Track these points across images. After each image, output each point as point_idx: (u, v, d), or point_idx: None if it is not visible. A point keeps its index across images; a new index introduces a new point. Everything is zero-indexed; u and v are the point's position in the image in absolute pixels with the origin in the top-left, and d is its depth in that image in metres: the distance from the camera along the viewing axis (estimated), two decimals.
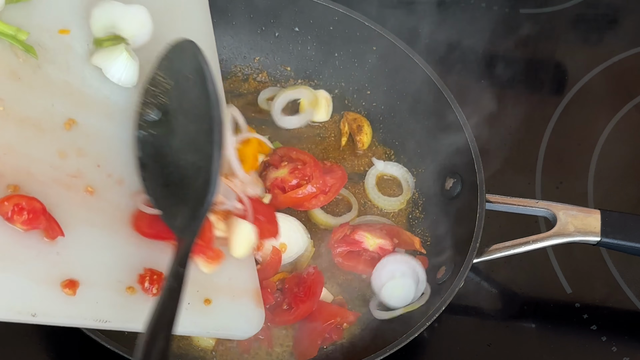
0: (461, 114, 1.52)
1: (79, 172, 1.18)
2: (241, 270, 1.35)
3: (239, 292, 1.32)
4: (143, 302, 1.16)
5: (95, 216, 1.17)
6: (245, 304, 1.32)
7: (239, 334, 1.31)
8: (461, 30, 1.95)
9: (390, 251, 1.48)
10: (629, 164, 1.78)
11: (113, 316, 1.12)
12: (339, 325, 1.43)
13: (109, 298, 1.13)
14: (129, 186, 1.24)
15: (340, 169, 1.57)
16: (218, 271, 1.29)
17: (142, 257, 1.20)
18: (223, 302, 1.28)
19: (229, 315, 1.28)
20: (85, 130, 1.22)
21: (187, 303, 1.22)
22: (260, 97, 1.71)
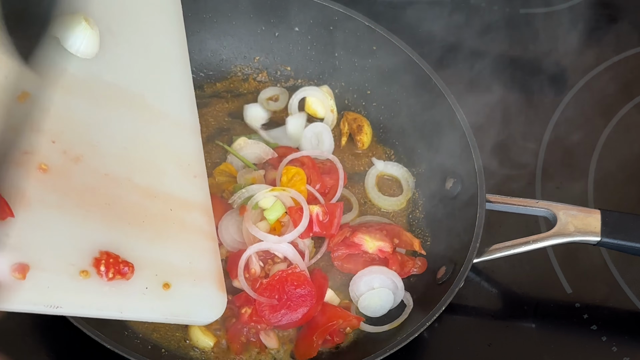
0: (461, 114, 1.52)
1: (32, 148, 1.13)
2: (203, 253, 1.31)
3: (200, 275, 1.28)
4: (97, 287, 1.13)
5: (48, 195, 1.12)
6: (206, 288, 1.29)
7: (200, 319, 1.28)
8: (461, 30, 1.95)
9: (390, 253, 1.48)
10: (629, 164, 1.78)
11: (65, 301, 1.09)
12: (342, 329, 1.43)
13: (60, 282, 1.09)
14: (86, 163, 1.20)
15: (340, 169, 1.57)
16: (179, 254, 1.26)
17: (98, 239, 1.16)
18: (183, 287, 1.25)
19: (189, 300, 1.25)
20: (39, 104, 1.16)
21: (145, 287, 1.19)
22: (260, 97, 1.71)
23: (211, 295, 1.29)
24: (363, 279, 1.46)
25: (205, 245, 1.33)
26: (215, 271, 1.32)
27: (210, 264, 1.32)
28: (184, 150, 1.39)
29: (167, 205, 1.30)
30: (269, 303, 1.39)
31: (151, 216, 1.26)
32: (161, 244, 1.26)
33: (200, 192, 1.38)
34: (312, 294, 1.40)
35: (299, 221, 1.44)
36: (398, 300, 1.46)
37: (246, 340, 1.39)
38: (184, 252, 1.28)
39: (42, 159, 1.14)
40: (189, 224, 1.32)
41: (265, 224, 1.46)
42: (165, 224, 1.28)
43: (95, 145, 1.23)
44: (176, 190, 1.33)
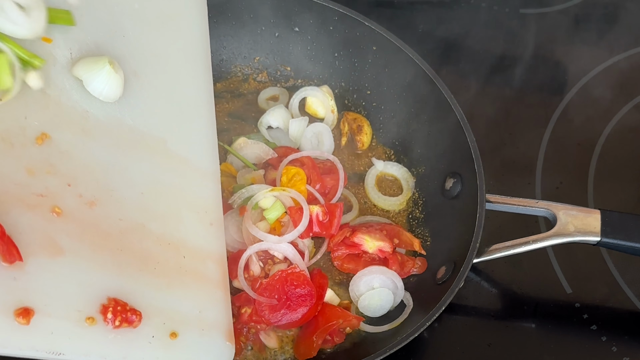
0: (461, 114, 1.52)
1: (47, 191, 1.11)
2: (213, 302, 1.28)
3: (208, 325, 1.25)
4: (103, 334, 1.10)
5: (59, 240, 1.09)
6: (214, 338, 1.25)
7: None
8: (461, 30, 1.96)
9: (390, 253, 1.48)
10: (629, 164, 1.78)
11: (68, 348, 1.05)
12: (342, 329, 1.43)
13: (65, 328, 1.06)
14: (101, 208, 1.17)
15: (340, 170, 1.57)
16: (189, 303, 1.23)
17: (107, 285, 1.13)
18: (190, 336, 1.21)
19: (195, 350, 1.21)
20: (58, 146, 1.14)
21: (152, 336, 1.16)
22: (260, 97, 1.71)
23: (219, 345, 1.26)
24: (363, 279, 1.46)
25: (217, 295, 1.30)
26: (224, 321, 1.29)
27: (220, 314, 1.28)
28: (202, 197, 1.35)
29: (181, 253, 1.26)
30: (268, 303, 1.39)
31: (163, 263, 1.23)
32: (171, 292, 1.22)
33: (216, 240, 1.34)
34: (312, 294, 1.40)
35: (299, 221, 1.45)
36: (398, 300, 1.46)
37: (246, 341, 1.39)
38: (194, 301, 1.24)
39: (57, 202, 1.11)
40: (202, 273, 1.29)
41: (265, 224, 1.46)
42: (178, 272, 1.25)
43: (111, 190, 1.20)
44: (191, 237, 1.30)
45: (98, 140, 1.20)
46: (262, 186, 1.49)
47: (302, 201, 1.46)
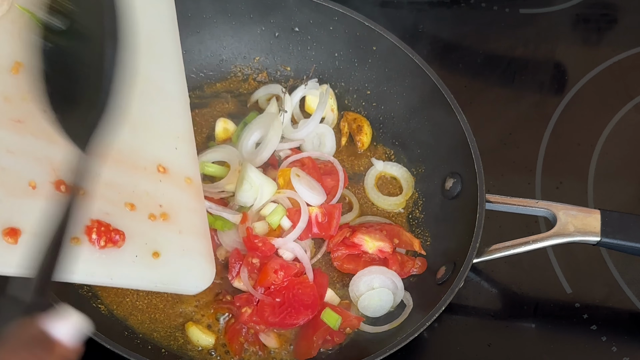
0: (461, 114, 1.52)
1: (24, 116, 1.15)
2: (193, 224, 1.33)
3: (189, 246, 1.30)
4: (88, 254, 1.15)
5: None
6: (195, 259, 1.30)
7: (189, 288, 1.30)
8: (461, 30, 1.96)
9: (390, 253, 1.48)
10: (629, 164, 1.78)
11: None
12: (342, 329, 1.43)
13: None
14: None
15: (340, 171, 1.57)
16: (169, 224, 1.28)
17: (89, 208, 1.14)
18: (172, 256, 1.27)
19: (177, 270, 1.27)
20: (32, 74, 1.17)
21: (135, 256, 1.21)
22: (260, 98, 1.70)
23: (199, 265, 1.31)
24: (363, 279, 1.46)
25: (194, 217, 1.34)
26: (204, 242, 1.33)
27: (200, 235, 1.33)
28: (174, 122, 1.40)
29: (157, 177, 1.32)
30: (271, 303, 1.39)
31: (141, 187, 1.28)
32: (149, 215, 1.27)
33: (189, 161, 1.38)
34: (316, 306, 1.40)
35: (298, 221, 1.45)
36: (398, 300, 1.46)
37: (245, 341, 1.39)
38: (175, 221, 1.29)
39: (33, 129, 1.14)
40: (178, 195, 1.34)
41: (263, 225, 1.46)
42: (155, 195, 1.30)
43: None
44: (166, 161, 1.34)
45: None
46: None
47: (300, 200, 1.46)
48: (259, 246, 1.41)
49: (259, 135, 1.58)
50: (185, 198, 1.34)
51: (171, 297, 1.42)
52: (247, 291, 1.41)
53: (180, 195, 1.34)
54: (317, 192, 1.49)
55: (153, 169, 1.32)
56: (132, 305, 1.41)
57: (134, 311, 1.40)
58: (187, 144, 1.40)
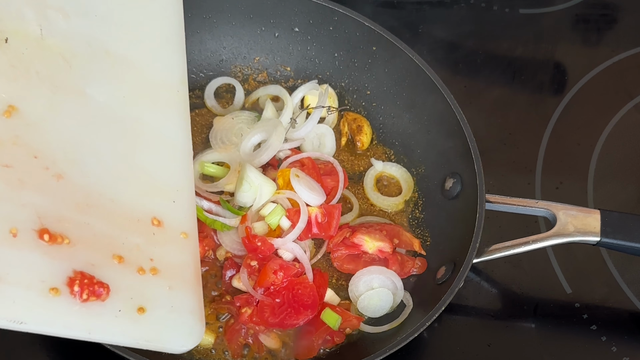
0: (461, 114, 1.52)
1: (13, 161, 1.11)
2: (183, 280, 1.27)
3: (178, 302, 1.24)
4: (67, 305, 1.10)
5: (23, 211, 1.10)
6: (183, 316, 1.24)
7: (174, 347, 1.23)
8: (461, 30, 1.96)
9: (390, 253, 1.48)
10: (629, 164, 1.78)
11: (30, 318, 1.06)
12: (342, 329, 1.43)
13: (27, 298, 1.06)
14: (68, 182, 1.17)
15: (340, 172, 1.57)
16: (159, 279, 1.23)
17: (73, 258, 1.13)
18: (159, 312, 1.21)
19: (164, 327, 1.21)
20: (26, 118, 1.15)
21: (118, 310, 1.15)
22: (261, 98, 1.70)
23: (188, 323, 1.25)
24: (362, 279, 1.46)
25: (187, 272, 1.29)
26: (194, 299, 1.28)
27: (190, 292, 1.27)
28: (173, 176, 1.35)
29: (150, 230, 1.27)
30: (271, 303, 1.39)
31: (132, 239, 1.23)
32: (139, 270, 1.22)
33: (186, 216, 1.34)
34: (315, 305, 1.40)
35: (297, 221, 1.45)
36: (398, 300, 1.46)
37: (244, 342, 1.39)
38: (164, 277, 1.24)
39: (22, 174, 1.12)
40: (172, 250, 1.29)
41: (262, 225, 1.46)
42: (147, 249, 1.25)
43: (79, 164, 1.20)
44: (161, 215, 1.30)
45: (67, 115, 1.21)
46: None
47: (300, 200, 1.46)
48: (258, 246, 1.41)
49: (260, 137, 1.57)
50: (179, 253, 1.29)
51: None
52: (247, 291, 1.41)
53: (174, 250, 1.29)
54: (317, 193, 1.49)
55: (147, 221, 1.26)
56: None
57: None
58: (186, 197, 1.35)
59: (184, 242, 1.31)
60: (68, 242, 1.13)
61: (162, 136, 1.35)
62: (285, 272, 1.41)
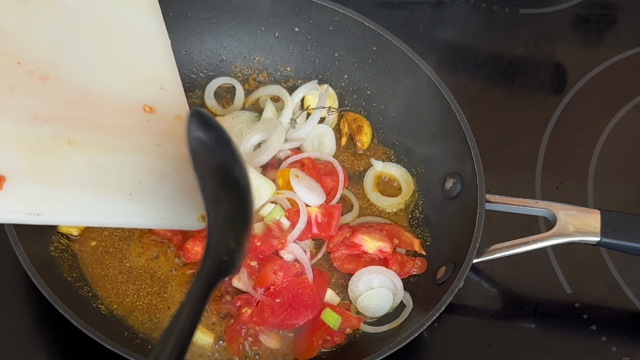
0: (461, 114, 1.52)
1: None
2: (186, 159, 1.30)
3: (185, 180, 1.30)
4: (78, 194, 1.16)
5: (19, 112, 1.15)
6: (193, 193, 1.28)
7: (189, 223, 1.30)
8: (461, 30, 1.96)
9: (390, 253, 1.48)
10: (629, 164, 1.78)
11: (45, 209, 1.11)
12: (342, 329, 1.43)
13: (40, 191, 1.12)
14: (55, 81, 1.23)
15: (340, 172, 1.57)
16: (160, 160, 1.29)
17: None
18: (169, 191, 1.28)
19: (176, 204, 1.28)
20: (2, 28, 1.19)
21: (129, 194, 1.22)
22: (261, 98, 1.70)
23: (198, 199, 1.29)
24: (362, 279, 1.46)
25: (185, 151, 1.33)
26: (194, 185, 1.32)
27: (189, 177, 1.29)
28: (154, 61, 1.41)
29: (144, 117, 1.32)
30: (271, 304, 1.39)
31: (128, 128, 1.29)
32: (142, 154, 1.28)
33: (175, 99, 1.39)
34: (316, 306, 1.40)
35: (297, 221, 1.45)
36: (397, 300, 1.46)
37: (245, 341, 1.39)
38: (166, 157, 1.30)
39: (9, 80, 1.16)
40: (168, 131, 1.34)
41: (261, 225, 1.46)
42: (144, 135, 1.30)
43: (62, 64, 1.25)
44: (151, 101, 1.35)
45: (41, 21, 1.26)
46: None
47: (299, 200, 1.46)
48: (258, 246, 1.41)
49: (260, 138, 1.57)
50: (177, 135, 1.32)
51: (171, 298, 1.43)
52: (247, 291, 1.41)
53: (171, 133, 1.33)
54: (317, 193, 1.49)
55: (139, 109, 1.32)
56: (132, 305, 1.41)
57: (134, 311, 1.41)
58: (172, 82, 1.40)
59: (179, 124, 1.36)
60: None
61: (136, 28, 1.40)
62: (285, 272, 1.41)
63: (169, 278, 1.44)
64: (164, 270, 1.45)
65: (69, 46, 1.28)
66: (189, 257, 1.43)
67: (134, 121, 1.30)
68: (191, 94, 1.68)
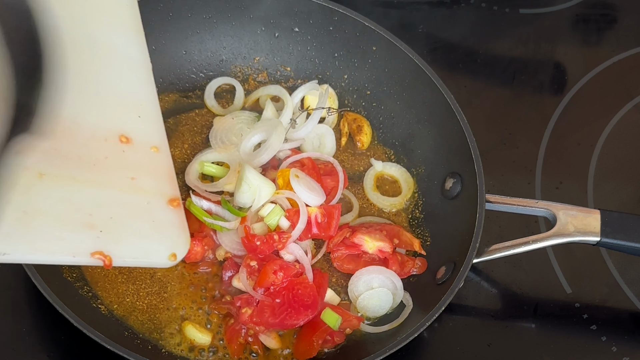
0: (461, 114, 1.52)
1: None
2: (161, 194, 1.28)
3: (159, 217, 1.25)
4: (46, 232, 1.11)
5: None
6: (166, 230, 1.25)
7: (160, 261, 1.25)
8: (461, 30, 1.96)
9: (390, 253, 1.48)
10: (629, 164, 1.78)
11: (11, 248, 1.06)
12: (342, 329, 1.43)
13: (6, 229, 1.05)
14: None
15: (340, 172, 1.57)
16: (135, 195, 1.24)
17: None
18: (141, 229, 1.22)
19: (148, 243, 1.22)
20: None
21: (100, 231, 1.16)
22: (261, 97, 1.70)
23: (172, 235, 1.26)
24: (362, 279, 1.46)
25: (164, 184, 1.29)
26: (176, 211, 1.28)
27: (166, 206, 1.28)
28: (135, 89, 1.35)
29: (119, 147, 1.26)
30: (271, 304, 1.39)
31: (102, 160, 1.23)
32: (114, 186, 1.23)
33: (155, 129, 1.34)
34: (315, 304, 1.40)
35: (297, 222, 1.45)
36: (397, 300, 1.46)
37: (245, 342, 1.39)
38: (141, 193, 1.25)
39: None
40: (146, 162, 1.29)
41: (261, 226, 1.46)
42: (119, 167, 1.25)
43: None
44: (129, 131, 1.29)
45: None
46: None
47: (298, 199, 1.46)
48: (258, 245, 1.41)
49: (260, 138, 1.57)
50: (153, 167, 1.28)
51: (171, 298, 1.43)
52: (247, 292, 1.41)
53: (148, 165, 1.28)
54: (317, 193, 1.49)
55: (115, 139, 1.25)
56: (132, 305, 1.41)
57: (134, 311, 1.41)
58: (151, 110, 1.34)
59: (156, 156, 1.31)
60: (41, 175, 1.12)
61: (117, 52, 1.33)
62: (285, 272, 1.41)
63: (168, 278, 1.44)
64: (163, 270, 1.44)
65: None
66: (189, 257, 1.43)
67: (109, 152, 1.24)
68: (191, 94, 1.68)
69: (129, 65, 1.35)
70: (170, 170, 1.32)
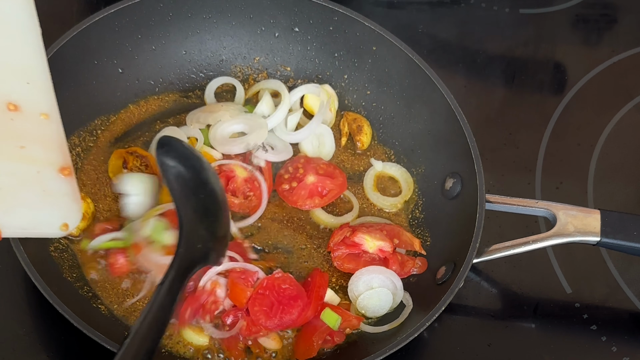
0: (461, 114, 1.52)
1: None
2: (51, 162, 1.25)
3: (49, 186, 1.22)
4: None
5: None
6: (57, 199, 1.22)
7: (52, 231, 1.23)
8: (461, 30, 1.96)
9: (390, 253, 1.48)
10: (629, 164, 1.78)
11: None
12: (342, 329, 1.43)
13: None
14: None
15: (341, 175, 1.57)
16: (25, 164, 1.21)
17: None
18: (30, 198, 1.19)
19: (37, 212, 1.19)
20: None
21: None
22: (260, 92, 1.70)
23: (63, 205, 1.23)
24: (362, 279, 1.46)
25: (53, 152, 1.26)
26: (67, 180, 1.25)
27: (60, 174, 1.25)
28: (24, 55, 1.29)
29: (7, 116, 1.22)
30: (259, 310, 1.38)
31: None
32: (3, 157, 1.19)
33: (42, 93, 1.29)
34: (302, 292, 1.40)
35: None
36: (397, 300, 1.46)
37: (244, 346, 1.39)
38: (30, 160, 1.21)
39: None
40: (36, 132, 1.26)
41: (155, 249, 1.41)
42: (6, 136, 1.21)
43: None
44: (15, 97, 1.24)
45: None
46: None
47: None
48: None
49: (241, 128, 1.58)
50: (43, 135, 1.25)
51: None
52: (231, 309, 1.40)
53: (37, 133, 1.24)
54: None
55: (2, 108, 1.21)
56: (132, 305, 1.41)
57: (134, 311, 1.41)
58: (40, 76, 1.28)
59: (46, 123, 1.27)
60: None
61: (1, 16, 1.27)
62: (248, 276, 1.40)
63: None
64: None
65: None
66: (114, 270, 1.42)
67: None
68: (191, 94, 1.68)
69: (14, 29, 1.28)
70: (61, 138, 1.28)
